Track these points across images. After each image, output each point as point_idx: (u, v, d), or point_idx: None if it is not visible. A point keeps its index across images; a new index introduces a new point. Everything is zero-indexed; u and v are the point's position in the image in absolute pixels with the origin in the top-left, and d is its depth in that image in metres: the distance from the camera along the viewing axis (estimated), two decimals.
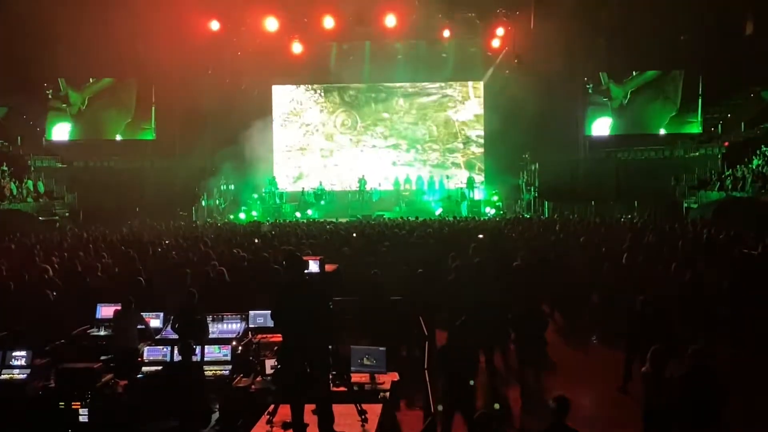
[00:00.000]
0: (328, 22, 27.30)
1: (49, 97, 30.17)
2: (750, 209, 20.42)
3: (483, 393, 8.79)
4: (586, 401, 8.33)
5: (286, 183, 31.39)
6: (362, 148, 32.28)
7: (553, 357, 10.35)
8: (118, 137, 31.23)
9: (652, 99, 30.21)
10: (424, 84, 31.77)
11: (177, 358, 7.51)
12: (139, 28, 26.65)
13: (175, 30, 25.53)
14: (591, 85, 30.32)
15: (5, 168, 25.63)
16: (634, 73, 30.16)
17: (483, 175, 31.38)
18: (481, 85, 31.55)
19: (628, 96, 30.22)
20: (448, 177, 30.97)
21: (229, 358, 7.95)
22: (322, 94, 32.46)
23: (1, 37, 25.11)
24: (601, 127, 30.59)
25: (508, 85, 27.87)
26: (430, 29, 28.21)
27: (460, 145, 32.01)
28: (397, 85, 31.85)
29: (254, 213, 28.53)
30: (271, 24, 27.28)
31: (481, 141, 31.80)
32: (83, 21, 25.44)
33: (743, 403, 7.71)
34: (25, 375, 7.78)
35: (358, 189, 29.66)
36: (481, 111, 31.69)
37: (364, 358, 7.33)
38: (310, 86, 32.33)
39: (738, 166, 25.01)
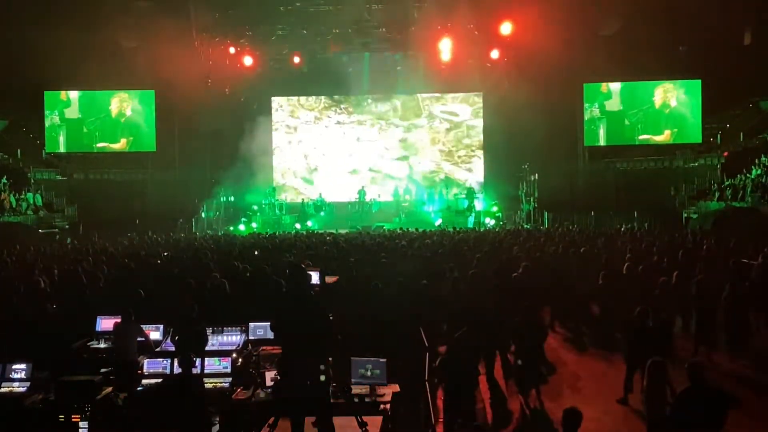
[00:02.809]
0: (328, 33, 27.47)
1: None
2: (750, 219, 20.43)
3: (483, 404, 8.77)
4: (587, 413, 8.27)
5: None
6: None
7: (554, 368, 10.32)
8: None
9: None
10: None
11: (177, 370, 7.48)
12: (140, 42, 26.78)
13: (178, 44, 25.64)
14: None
15: (5, 180, 25.63)
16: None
17: (482, 185, 31.41)
18: (480, 96, 31.64)
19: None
20: (447, 187, 30.94)
21: (228, 370, 7.91)
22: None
23: (1, 51, 25.24)
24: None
25: (506, 96, 27.92)
26: (428, 41, 28.30)
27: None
28: None
29: (254, 225, 28.54)
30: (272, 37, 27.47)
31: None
32: (82, 33, 25.56)
33: (744, 415, 7.69)
34: (24, 388, 7.74)
35: (357, 200, 29.64)
36: (480, 122, 31.75)
37: (365, 370, 7.30)
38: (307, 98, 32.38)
39: (738, 176, 25.04)
